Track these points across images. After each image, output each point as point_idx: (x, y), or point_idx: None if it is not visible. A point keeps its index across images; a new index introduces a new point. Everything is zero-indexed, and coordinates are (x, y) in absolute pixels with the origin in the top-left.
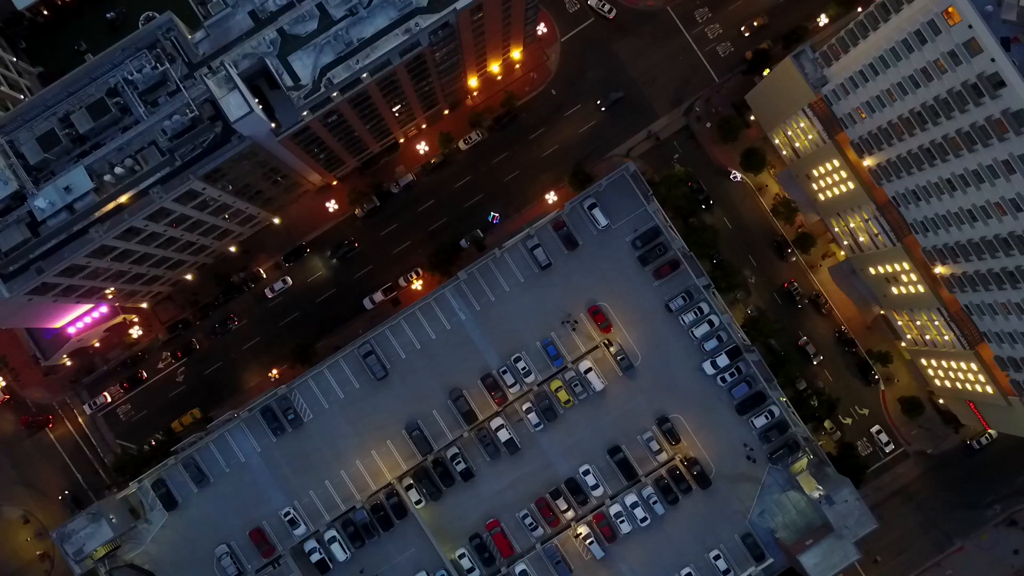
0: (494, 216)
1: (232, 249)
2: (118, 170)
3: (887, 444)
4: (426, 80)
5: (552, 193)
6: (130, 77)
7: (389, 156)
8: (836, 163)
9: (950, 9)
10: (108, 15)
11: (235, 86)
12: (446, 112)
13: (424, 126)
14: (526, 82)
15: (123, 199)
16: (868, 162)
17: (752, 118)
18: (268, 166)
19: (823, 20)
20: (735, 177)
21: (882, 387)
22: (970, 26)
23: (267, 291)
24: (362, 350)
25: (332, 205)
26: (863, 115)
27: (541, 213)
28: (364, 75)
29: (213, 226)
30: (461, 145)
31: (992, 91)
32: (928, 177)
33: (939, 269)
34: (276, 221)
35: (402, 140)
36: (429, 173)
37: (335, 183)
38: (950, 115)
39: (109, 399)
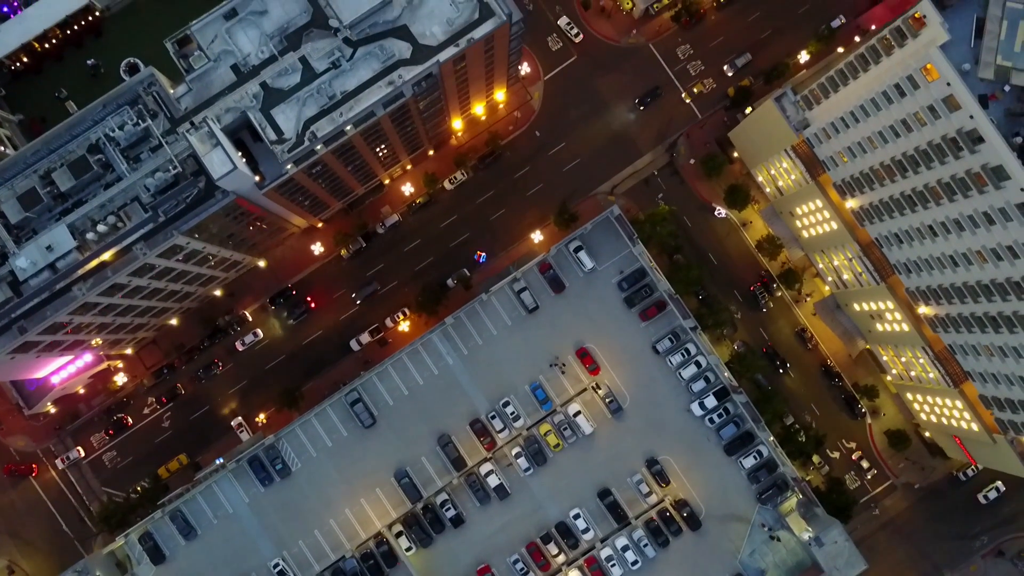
0: (480, 255)
1: (217, 293)
2: (101, 227)
3: (874, 476)
4: (410, 125)
5: (538, 232)
6: (112, 134)
7: (374, 196)
8: (819, 203)
9: (928, 66)
10: (88, 62)
11: (218, 143)
12: (431, 153)
13: (409, 167)
14: (510, 121)
15: (106, 256)
16: (851, 204)
17: (735, 154)
18: (252, 215)
19: (804, 57)
20: (719, 213)
21: (869, 420)
22: (948, 83)
23: (238, 344)
24: (349, 398)
25: (318, 248)
26: (845, 159)
27: (527, 251)
28: (348, 127)
29: (198, 275)
30: (446, 185)
31: (971, 146)
32: (910, 222)
33: (923, 309)
34: (261, 264)
35: (387, 181)
36: (415, 213)
37: (320, 225)
38: (930, 165)
39: (83, 453)
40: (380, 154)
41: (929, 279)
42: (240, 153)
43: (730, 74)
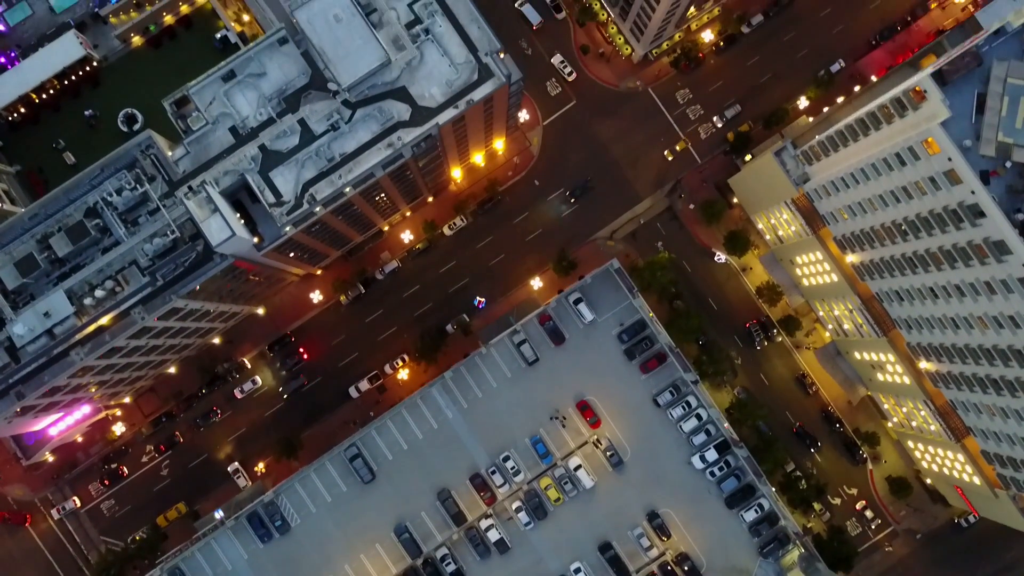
0: (480, 301)
1: (216, 340)
2: (99, 293)
3: (876, 523)
4: (408, 179)
5: (537, 278)
6: (109, 198)
7: (373, 242)
8: (819, 255)
9: (929, 139)
10: (86, 112)
11: (216, 208)
12: (430, 199)
13: (408, 214)
14: (509, 167)
15: (104, 320)
16: (851, 258)
17: (735, 200)
18: (250, 272)
19: (803, 102)
20: (719, 258)
21: (870, 466)
22: (949, 159)
23: (236, 391)
24: (348, 453)
25: (316, 295)
26: (845, 216)
27: (526, 297)
28: (348, 189)
29: (196, 328)
30: (446, 230)
31: (972, 219)
32: (911, 282)
33: (924, 364)
34: (260, 311)
35: (386, 228)
36: (414, 258)
37: (319, 272)
38: (931, 232)
39: (78, 503)
40: (379, 205)
41: (930, 337)
42: (238, 214)
43: (720, 125)
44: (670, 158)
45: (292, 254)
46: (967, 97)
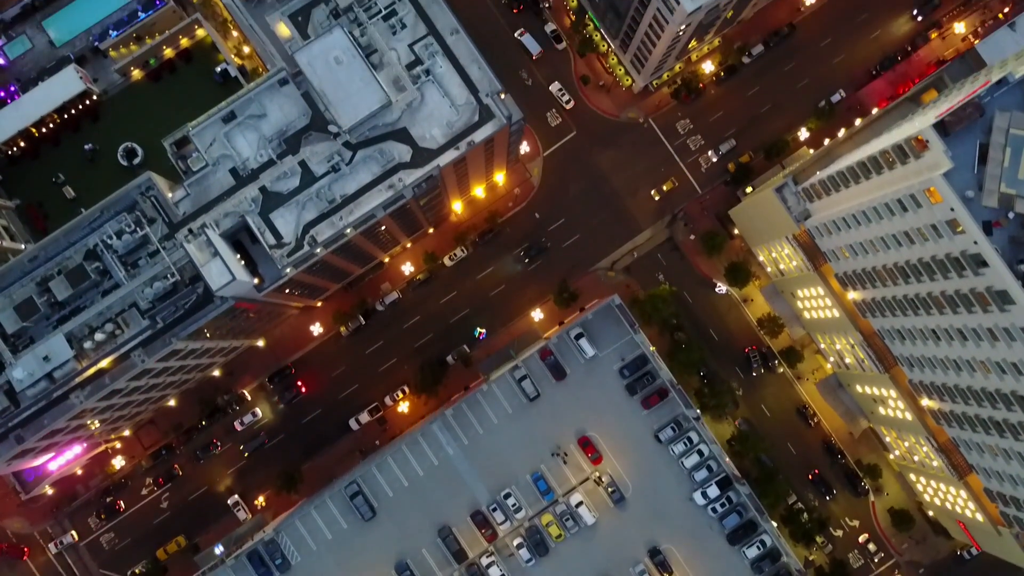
0: (480, 332)
1: (216, 373)
2: (98, 336)
3: (878, 555)
4: (409, 216)
5: (538, 310)
6: (109, 241)
7: (373, 274)
8: (820, 291)
9: (931, 188)
10: (86, 146)
11: (216, 252)
12: (430, 231)
13: (408, 245)
14: (509, 198)
15: (104, 363)
16: (852, 295)
17: (736, 231)
18: (250, 310)
19: (803, 133)
20: (720, 289)
21: (872, 498)
22: (951, 208)
23: (236, 423)
24: (349, 490)
25: (317, 328)
26: (846, 255)
27: (527, 328)
28: (348, 230)
29: (196, 364)
30: (446, 261)
31: (975, 268)
32: (913, 323)
33: (926, 402)
34: (260, 344)
35: (387, 260)
36: (415, 289)
37: (319, 304)
38: (933, 277)
39: (76, 537)
40: (379, 239)
41: (932, 376)
42: (238, 255)
43: (714, 159)
44: (656, 198)
45: (292, 292)
46: (969, 147)
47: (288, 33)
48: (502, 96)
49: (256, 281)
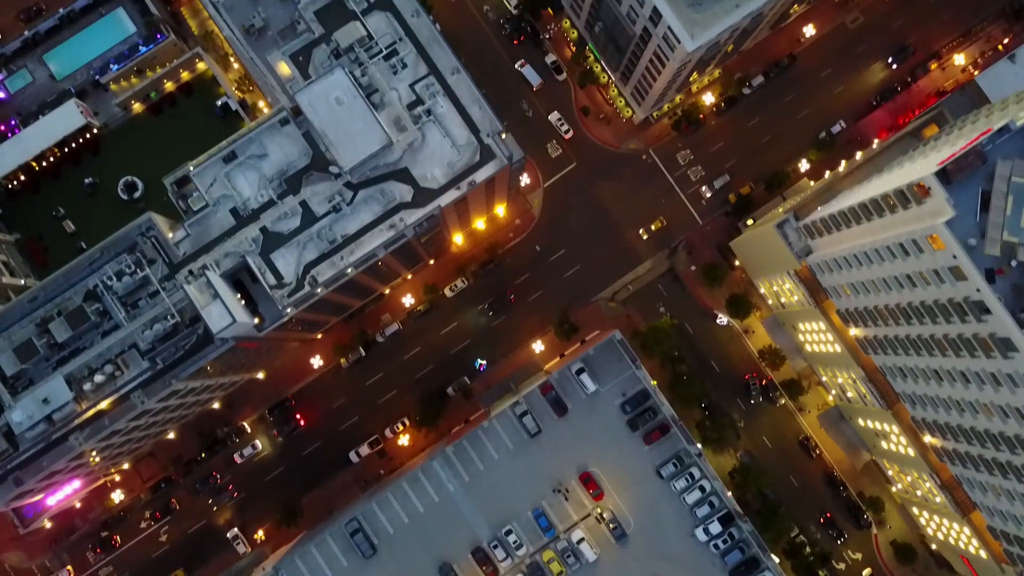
0: (481, 363)
1: (215, 405)
2: (98, 378)
3: None
4: (409, 252)
5: (539, 341)
6: (109, 282)
7: (374, 305)
8: (822, 326)
9: (934, 235)
10: (86, 180)
11: (216, 294)
12: (431, 262)
13: (409, 277)
14: (510, 228)
15: (103, 405)
16: (854, 332)
17: (737, 262)
18: (249, 348)
19: (804, 165)
20: (721, 320)
21: (874, 531)
22: (954, 256)
23: (236, 456)
24: (349, 527)
25: (317, 360)
26: (848, 292)
27: (528, 360)
28: (349, 270)
29: (195, 400)
30: (447, 292)
31: (978, 315)
32: (915, 362)
33: (929, 439)
34: (260, 376)
35: (387, 291)
36: (415, 320)
37: (319, 336)
38: (935, 320)
39: (72, 572)
40: (379, 273)
41: (935, 415)
42: (239, 294)
43: (708, 195)
44: (645, 237)
45: (293, 328)
46: (971, 194)
47: (289, 72)
48: (503, 136)
49: (256, 321)
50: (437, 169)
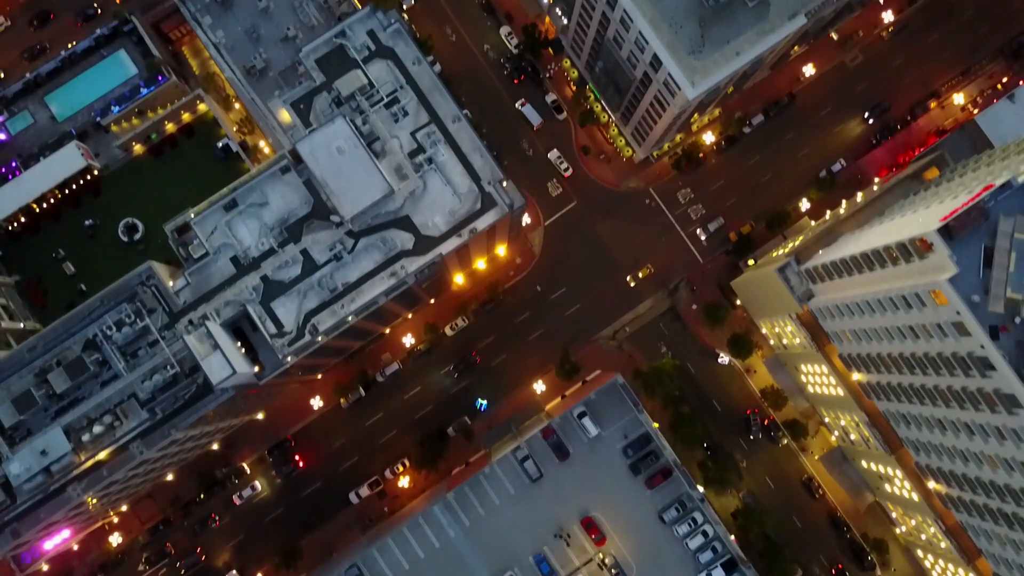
0: (481, 403)
1: (215, 446)
2: (97, 428)
3: None
4: (410, 296)
5: (540, 382)
6: (109, 332)
7: (374, 344)
8: (824, 369)
9: (937, 291)
10: (86, 222)
11: (216, 345)
12: (431, 301)
13: (409, 316)
14: (511, 267)
15: (102, 455)
16: (857, 377)
17: (738, 301)
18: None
19: (805, 204)
20: (723, 359)
21: (879, 573)
22: (957, 312)
23: (235, 497)
24: (349, 573)
25: (317, 401)
26: (850, 339)
27: (529, 400)
28: (350, 318)
29: (193, 445)
30: (447, 331)
31: (982, 370)
32: (920, 411)
33: (933, 485)
34: (260, 416)
35: (387, 331)
36: (416, 359)
37: (319, 376)
38: (939, 372)
39: None
40: (379, 316)
41: (939, 462)
42: (239, 342)
43: (703, 238)
44: (632, 284)
45: (293, 373)
46: (974, 251)
47: (290, 120)
48: (504, 183)
49: (256, 369)
50: (438, 217)
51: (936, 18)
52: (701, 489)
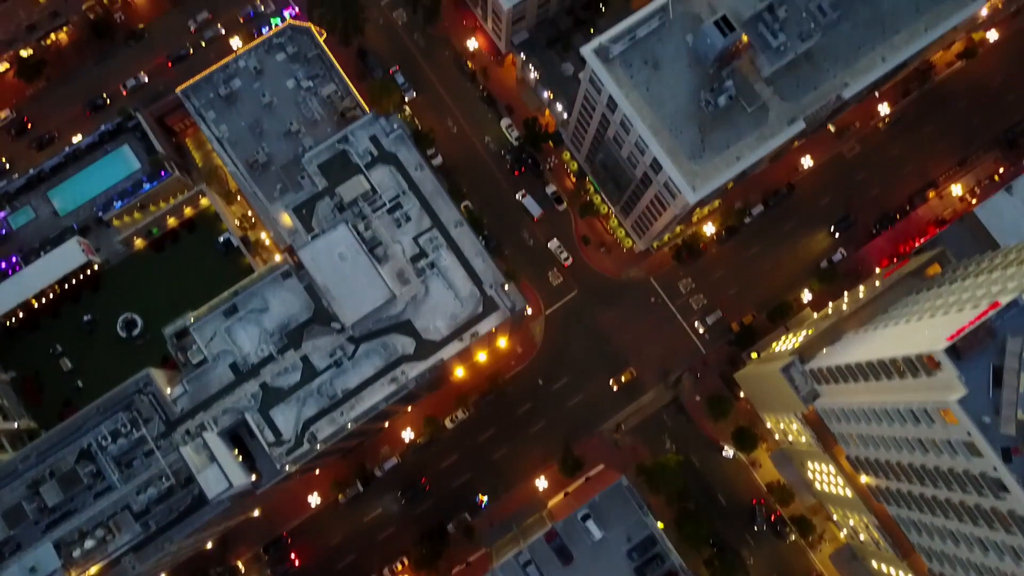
0: (482, 500)
1: (208, 545)
2: (88, 543)
3: None
4: (409, 396)
5: (542, 477)
6: (104, 442)
7: (372, 438)
8: (831, 469)
9: (947, 410)
10: (85, 318)
11: (213, 457)
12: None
13: (408, 409)
14: (512, 357)
15: (92, 571)
16: (865, 480)
17: (742, 393)
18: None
19: (806, 295)
20: (727, 453)
21: None
22: (968, 432)
23: None
24: None
25: (314, 498)
26: (857, 442)
27: (531, 496)
28: (349, 425)
29: (188, 548)
30: (447, 423)
31: (996, 491)
32: (932, 520)
33: None
34: (255, 513)
35: (385, 425)
36: (415, 453)
37: (317, 471)
38: (951, 487)
39: None
40: (379, 416)
41: (954, 573)
42: (236, 449)
43: (701, 331)
44: (615, 388)
45: (289, 479)
46: (983, 370)
47: (292, 224)
48: (505, 287)
49: (254, 478)
50: (440, 321)
51: (930, 110)
52: None
